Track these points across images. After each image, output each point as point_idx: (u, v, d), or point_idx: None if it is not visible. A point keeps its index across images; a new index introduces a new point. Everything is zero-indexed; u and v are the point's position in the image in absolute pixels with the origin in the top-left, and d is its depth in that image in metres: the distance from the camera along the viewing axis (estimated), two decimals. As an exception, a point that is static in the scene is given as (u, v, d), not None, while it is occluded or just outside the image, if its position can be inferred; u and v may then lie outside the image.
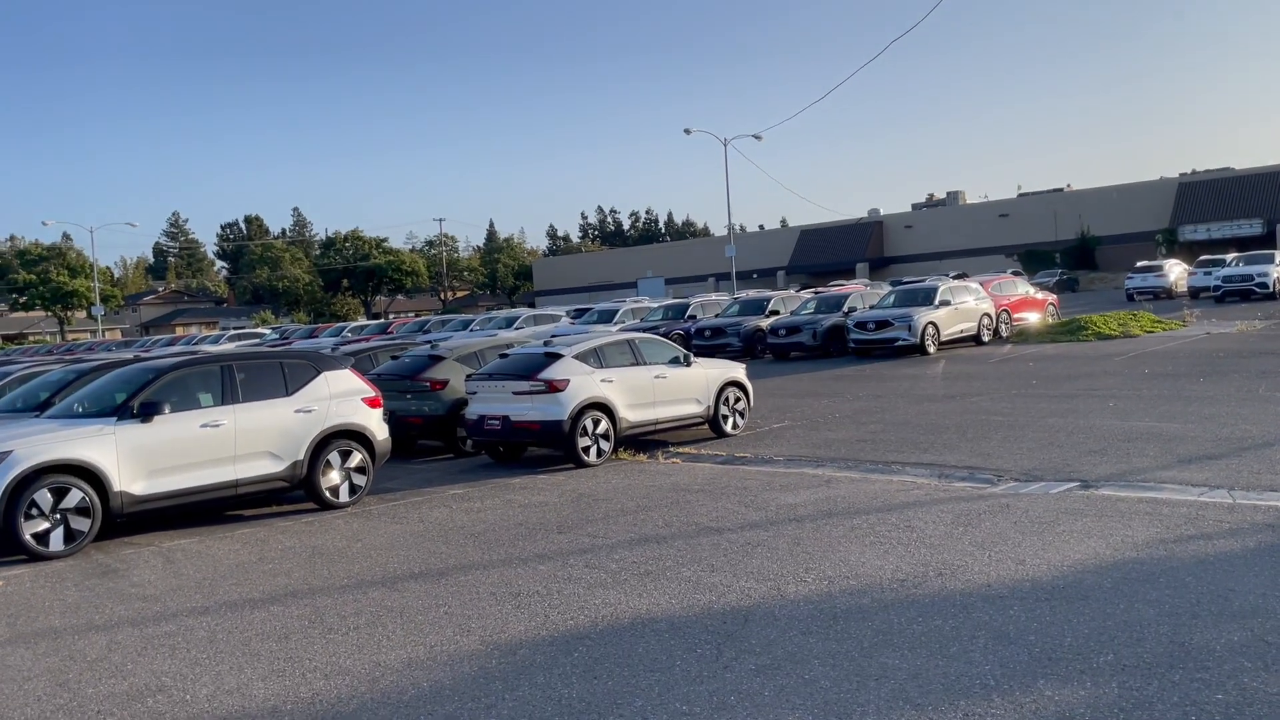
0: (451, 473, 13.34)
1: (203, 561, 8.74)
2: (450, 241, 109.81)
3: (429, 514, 10.39)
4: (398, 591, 7.37)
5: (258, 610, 7.06)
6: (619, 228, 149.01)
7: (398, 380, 15.07)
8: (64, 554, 9.14)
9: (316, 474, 10.88)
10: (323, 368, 11.36)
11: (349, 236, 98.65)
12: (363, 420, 11.39)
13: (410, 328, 40.29)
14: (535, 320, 35.49)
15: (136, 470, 9.62)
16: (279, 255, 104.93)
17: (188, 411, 10.12)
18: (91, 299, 78.16)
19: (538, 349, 13.97)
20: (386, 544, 9.05)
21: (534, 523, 9.61)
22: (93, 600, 7.59)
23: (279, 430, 10.65)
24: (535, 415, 12.98)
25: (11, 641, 6.63)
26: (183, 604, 7.36)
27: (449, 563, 8.20)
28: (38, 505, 9.03)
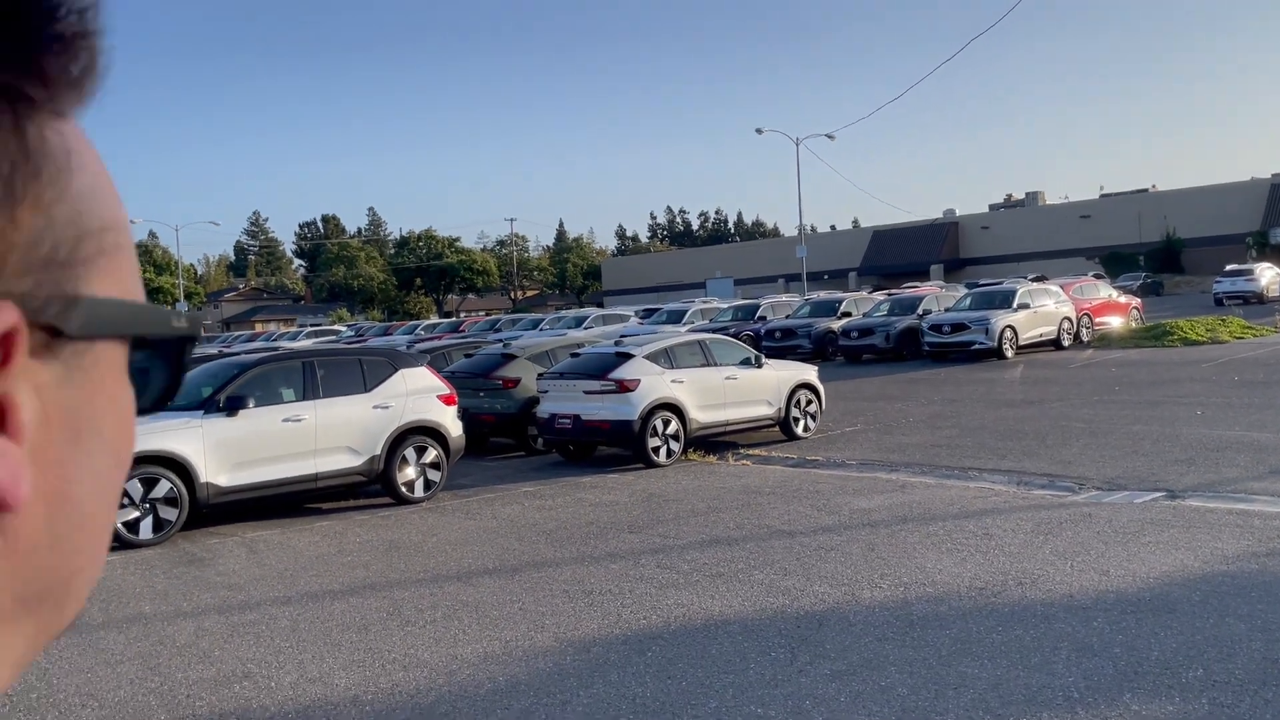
0: (523, 470, 13.48)
1: (284, 552, 8.97)
2: (521, 241, 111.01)
3: (502, 510, 10.52)
4: (472, 586, 7.47)
5: (337, 601, 7.22)
6: (688, 228, 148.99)
7: (471, 378, 15.27)
8: (152, 542, 9.45)
9: (393, 469, 11.08)
10: (400, 365, 11.57)
11: (422, 236, 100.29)
12: (438, 417, 11.57)
13: (481, 326, 40.80)
14: (604, 320, 35.67)
15: (222, 462, 9.90)
16: (355, 254, 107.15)
17: (271, 406, 10.39)
18: (176, 295, 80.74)
19: (609, 349, 14.04)
20: (461, 539, 9.18)
21: (605, 522, 9.66)
22: (180, 588, 7.84)
23: (357, 426, 10.87)
24: (606, 414, 13.04)
25: (104, 626, 6.87)
26: (266, 593, 7.56)
27: (522, 559, 8.28)
28: (128, 494, 9.34)
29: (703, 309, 33.37)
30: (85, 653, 6.28)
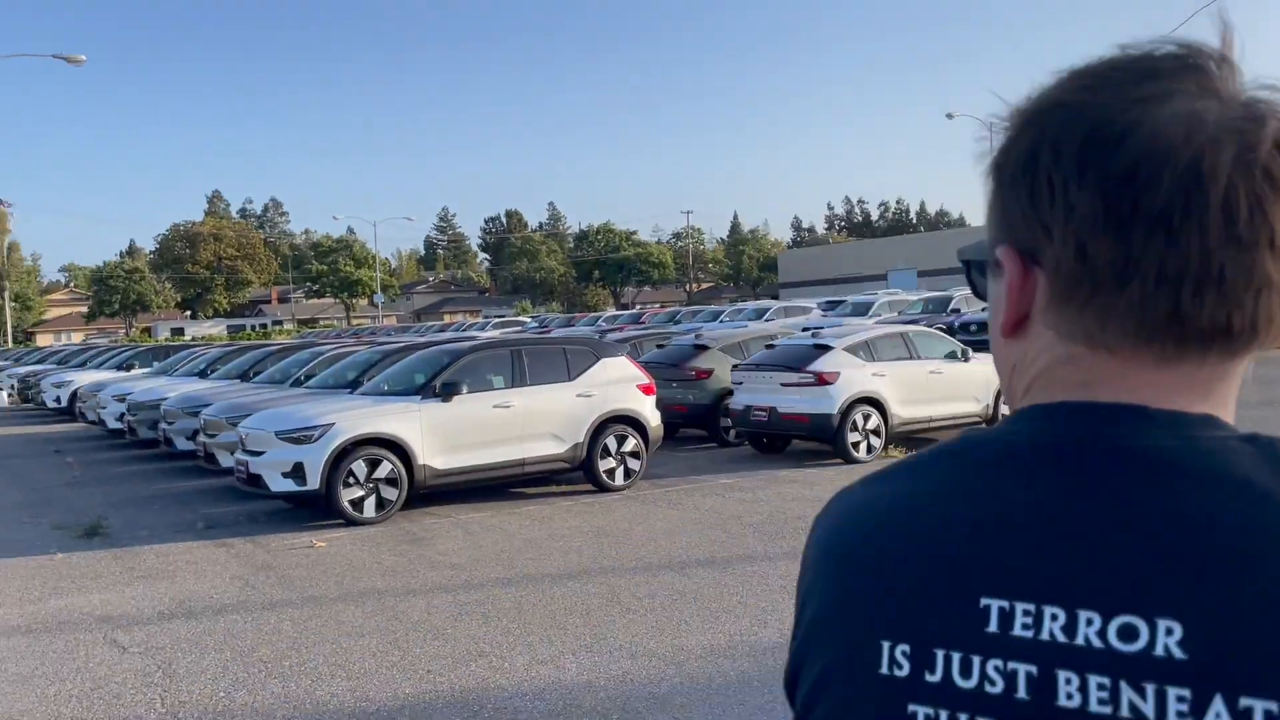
0: (717, 461, 13.40)
1: (498, 535, 9.21)
2: (696, 233, 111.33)
3: (703, 502, 10.46)
4: (687, 577, 7.43)
5: (557, 585, 7.32)
6: (867, 218, 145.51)
7: (663, 368, 15.30)
8: (375, 521, 9.90)
9: (595, 456, 11.22)
10: (601, 354, 11.71)
11: (600, 229, 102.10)
12: (638, 406, 11.64)
13: (661, 318, 41.08)
14: (786, 312, 35.23)
15: (437, 446, 10.27)
16: (536, 248, 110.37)
17: (482, 393, 10.70)
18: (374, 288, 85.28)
19: (806, 340, 13.77)
20: (667, 529, 9.17)
21: (810, 516, 9.41)
22: (406, 565, 8.15)
23: (562, 413, 11.06)
24: (804, 407, 12.79)
25: (341, 599, 7.22)
26: (486, 574, 7.76)
27: (732, 551, 8.19)
28: (354, 474, 9.83)
29: (890, 301, 32.41)
30: (328, 624, 6.60)
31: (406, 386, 10.96)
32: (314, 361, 14.85)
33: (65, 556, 8.99)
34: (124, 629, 6.66)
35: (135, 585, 7.84)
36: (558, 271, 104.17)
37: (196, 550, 9.04)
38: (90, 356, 30.02)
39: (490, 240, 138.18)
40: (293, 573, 8.03)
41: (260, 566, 8.30)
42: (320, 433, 9.78)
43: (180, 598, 7.40)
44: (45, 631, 6.68)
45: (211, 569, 8.30)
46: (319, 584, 7.64)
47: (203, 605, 7.17)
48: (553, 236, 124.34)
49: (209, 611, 7.00)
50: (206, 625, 6.67)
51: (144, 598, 7.45)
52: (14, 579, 8.22)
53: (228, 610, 7.01)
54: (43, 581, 8.09)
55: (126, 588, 7.77)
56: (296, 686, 5.49)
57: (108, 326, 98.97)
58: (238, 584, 7.75)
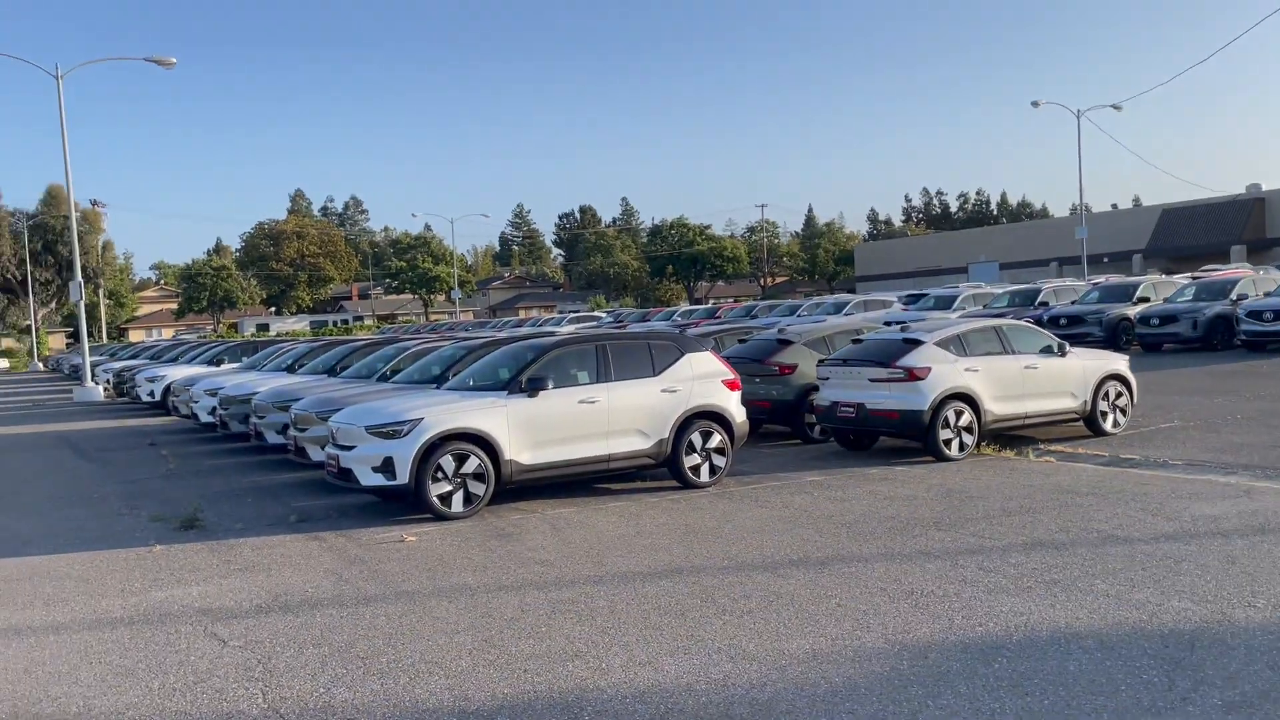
0: (803, 459, 13.15)
1: (586, 531, 9.12)
2: (770, 227, 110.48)
3: (791, 500, 10.25)
4: (781, 577, 7.24)
5: (649, 584, 7.20)
6: (945, 210, 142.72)
7: (746, 363, 15.08)
8: (463, 515, 9.90)
9: (680, 453, 11.08)
10: (686, 349, 11.55)
11: (674, 224, 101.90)
12: (723, 402, 11.47)
13: (737, 313, 40.73)
14: (865, 306, 34.63)
15: (524, 441, 10.23)
16: (610, 243, 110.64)
17: (567, 388, 10.63)
18: (451, 283, 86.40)
19: (895, 335, 13.42)
20: (757, 527, 8.98)
21: (906, 517, 9.16)
22: (496, 561, 8.11)
23: (647, 409, 10.94)
24: (893, 404, 12.47)
25: (435, 595, 7.19)
26: (577, 571, 7.67)
27: (826, 552, 7.97)
28: (442, 469, 9.84)
29: (974, 294, 31.62)
30: (423, 620, 6.57)
31: (492, 382, 10.95)
32: (399, 357, 14.97)
33: (164, 548, 9.16)
34: (223, 622, 6.72)
35: (232, 578, 7.94)
36: (631, 266, 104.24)
37: (290, 543, 9.14)
38: (181, 351, 30.87)
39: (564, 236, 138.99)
40: (384, 567, 8.05)
41: (352, 560, 8.34)
42: (409, 428, 9.81)
43: (276, 591, 7.47)
44: (147, 623, 6.78)
45: (305, 562, 8.37)
46: (411, 579, 7.64)
47: (298, 599, 7.22)
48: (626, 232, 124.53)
49: (305, 605, 7.03)
50: (303, 619, 6.70)
51: (241, 590, 7.53)
52: (116, 570, 8.40)
53: (323, 604, 7.04)
54: (143, 573, 8.24)
55: (224, 580, 7.88)
56: (395, 684, 5.46)
57: (196, 323, 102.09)
58: (331, 578, 7.79)
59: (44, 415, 26.71)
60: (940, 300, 32.27)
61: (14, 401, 33.82)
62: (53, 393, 37.23)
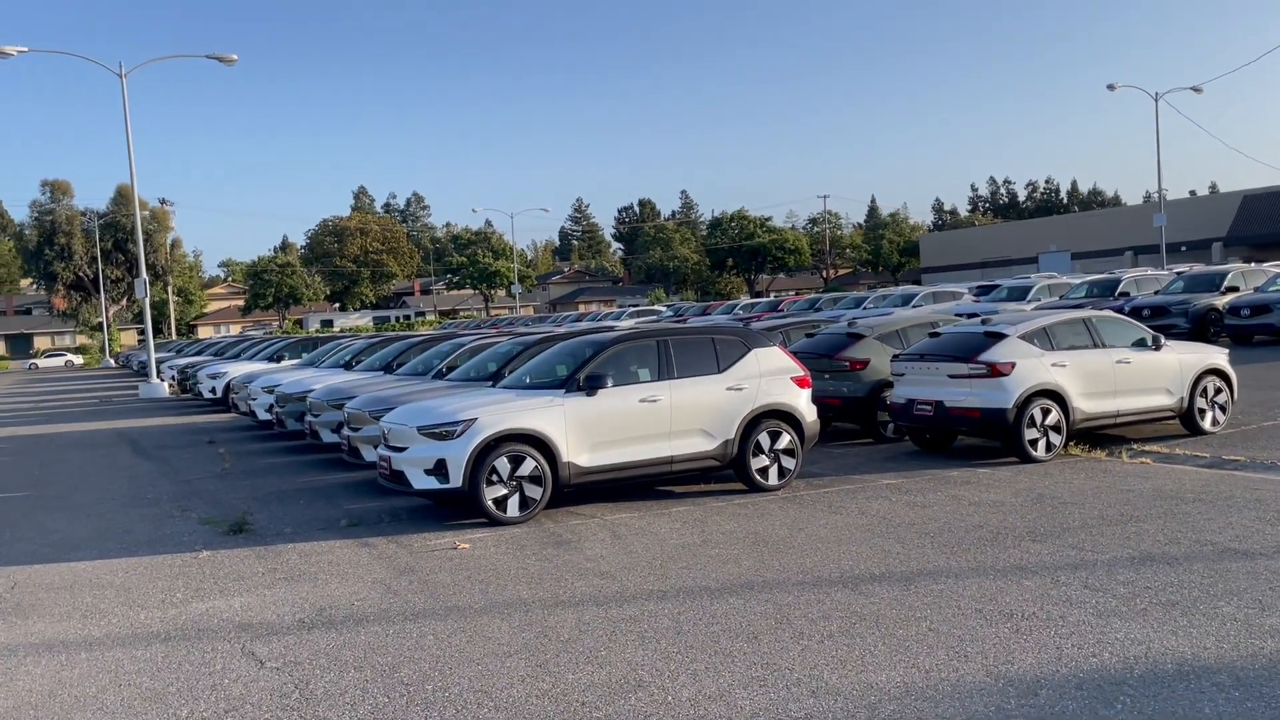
0: (876, 460, 12.46)
1: (648, 539, 8.57)
2: (833, 218, 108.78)
3: (867, 506, 9.58)
4: (863, 595, 6.61)
5: (716, 601, 6.62)
6: (1013, 199, 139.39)
7: (814, 358, 14.41)
8: (518, 520, 9.42)
9: (747, 454, 10.48)
10: (753, 345, 10.94)
11: (734, 216, 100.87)
12: (792, 400, 10.83)
13: (800, 305, 39.86)
14: (935, 298, 33.58)
15: (582, 442, 9.72)
16: (669, 236, 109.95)
17: (627, 386, 10.09)
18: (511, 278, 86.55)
19: (975, 327, 12.64)
20: (832, 537, 8.35)
21: (994, 526, 8.45)
22: (553, 572, 7.60)
23: (711, 408, 10.36)
24: (975, 401, 11.71)
25: (486, 610, 6.70)
26: (639, 585, 7.12)
27: (910, 566, 7.31)
28: (498, 471, 9.36)
29: (1050, 285, 30.38)
30: (474, 640, 6.08)
31: (549, 380, 10.45)
32: (455, 353, 14.58)
33: (210, 554, 8.83)
34: (263, 639, 6.30)
35: (277, 588, 7.54)
36: (691, 260, 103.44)
37: (338, 550, 8.74)
38: (245, 348, 31.02)
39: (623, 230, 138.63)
40: (435, 577, 7.59)
41: (402, 570, 7.90)
42: (463, 428, 9.35)
43: (321, 604, 7.04)
44: (183, 639, 6.39)
45: (354, 571, 7.95)
46: (462, 592, 7.16)
47: (344, 613, 6.78)
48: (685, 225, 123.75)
49: (349, 621, 6.59)
50: (347, 637, 6.25)
51: (285, 602, 7.12)
52: (160, 577, 8.06)
53: (368, 620, 6.59)
54: (186, 582, 7.89)
55: (268, 590, 7.48)
56: (440, 716, 4.96)
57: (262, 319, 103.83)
58: (379, 589, 7.35)
59: (110, 412, 26.98)
60: (1014, 291, 31.09)
61: (83, 398, 34.37)
62: (120, 389, 37.79)
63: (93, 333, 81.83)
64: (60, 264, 73.95)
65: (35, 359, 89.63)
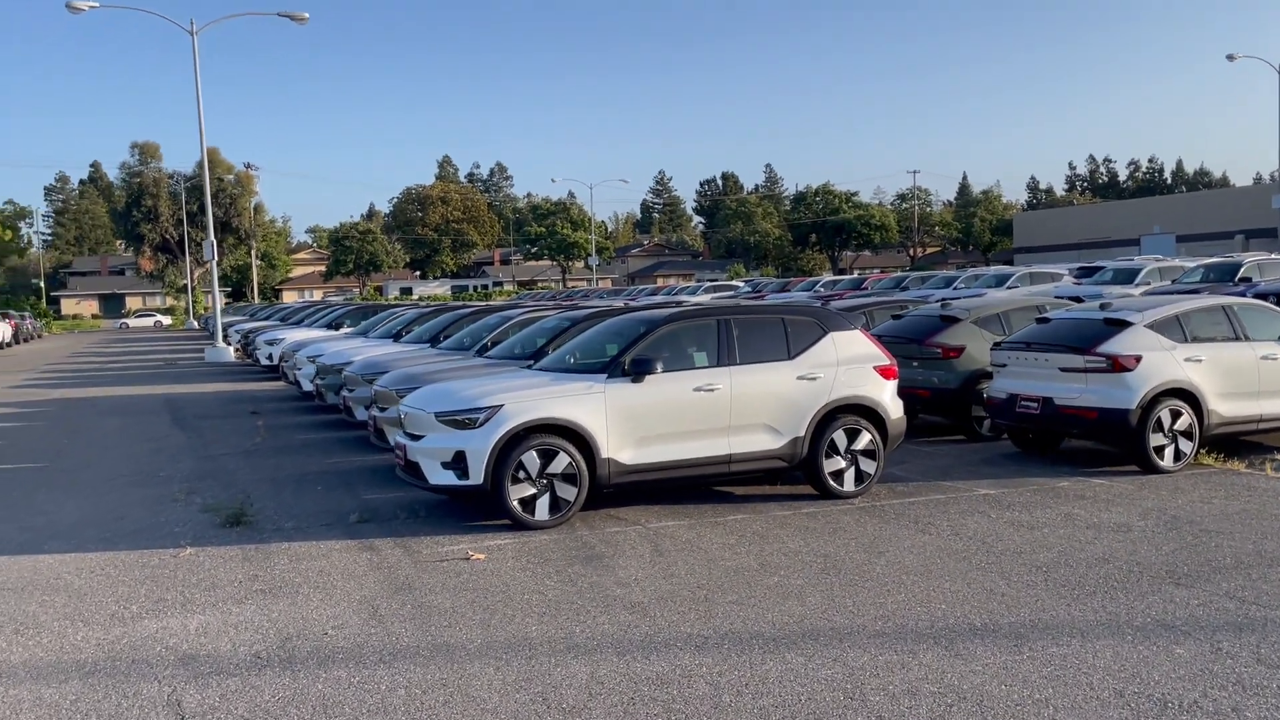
0: (970, 462, 10.84)
1: (695, 557, 7.17)
2: (922, 195, 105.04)
3: (962, 523, 8.03)
4: (961, 659, 5.12)
5: (770, 657, 5.20)
6: (1113, 178, 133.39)
7: (901, 343, 12.79)
8: (548, 524, 8.11)
9: (819, 455, 8.99)
10: (830, 327, 9.40)
11: (819, 191, 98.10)
12: (875, 393, 9.29)
13: (885, 284, 37.88)
14: (1031, 279, 31.35)
15: (625, 436, 8.35)
16: (751, 210, 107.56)
17: (681, 372, 8.67)
18: (589, 250, 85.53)
19: (1094, 313, 10.89)
20: (919, 566, 6.84)
21: (1123, 559, 6.85)
22: (573, 600, 6.26)
23: (779, 399, 8.89)
24: (1091, 399, 10.02)
25: (482, 653, 5.39)
26: (675, 626, 5.73)
27: (1020, 615, 5.78)
28: (525, 468, 8.06)
29: (1160, 267, 27.93)
30: (453, 700, 4.76)
31: (590, 362, 9.10)
32: (502, 327, 13.32)
33: (194, 552, 7.71)
34: (199, 681, 5.09)
35: (248, 604, 6.35)
36: (773, 234, 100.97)
37: (336, 554, 7.53)
38: (308, 314, 30.38)
39: (705, 203, 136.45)
40: (433, 599, 6.32)
41: (399, 586, 6.64)
42: (486, 416, 8.06)
43: (289, 631, 5.81)
44: (109, 675, 5.21)
45: (342, 584, 6.72)
46: (459, 623, 5.86)
47: (310, 647, 5.53)
48: (768, 199, 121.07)
49: (312, 660, 5.34)
50: (300, 685, 5.00)
51: (248, 626, 5.91)
52: (124, 581, 6.95)
53: (335, 659, 5.33)
54: (151, 589, 6.76)
55: (236, 607, 6.29)
56: (378, 828, 3.66)
57: (344, 285, 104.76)
58: (363, 613, 6.10)
59: (169, 375, 26.54)
60: (1120, 274, 28.67)
61: (152, 360, 34.25)
62: (193, 351, 37.67)
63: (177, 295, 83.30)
64: (147, 226, 75.18)
65: (126, 319, 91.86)
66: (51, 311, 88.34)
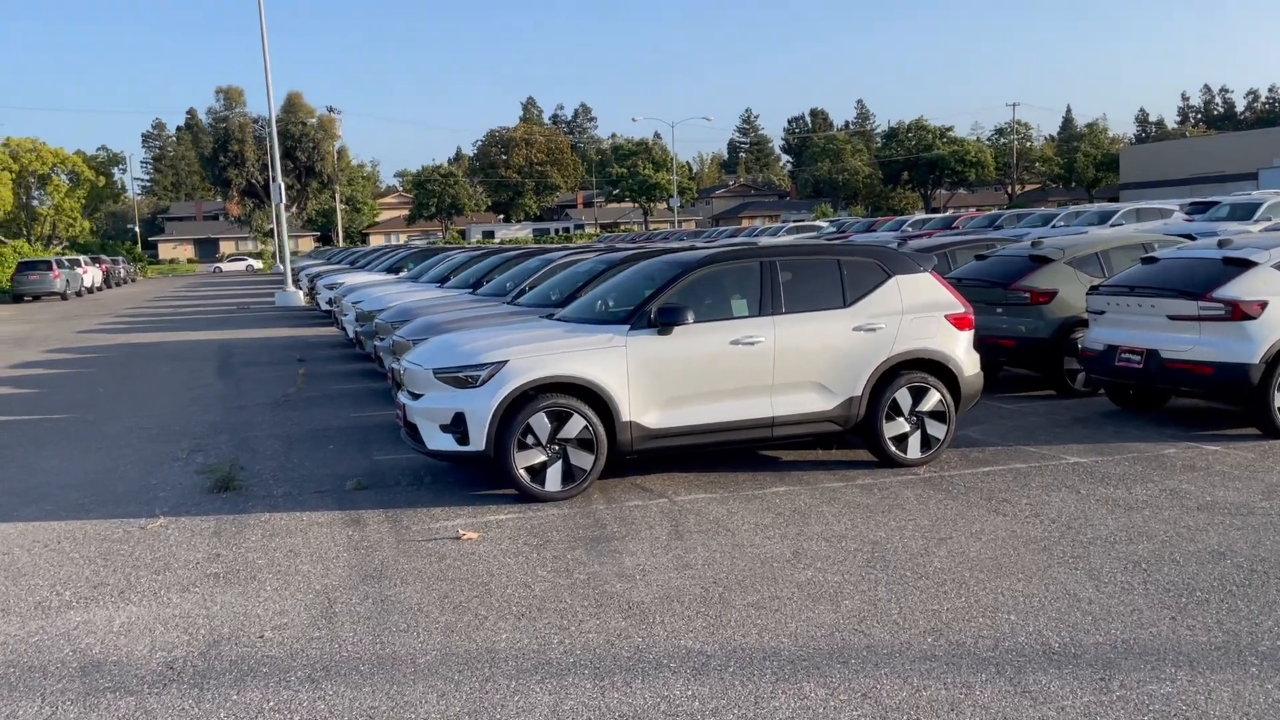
0: (1060, 422, 9.51)
1: (719, 542, 6.11)
2: (1022, 129, 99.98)
3: (1044, 502, 6.79)
4: (1031, 699, 3.97)
5: (784, 685, 4.13)
6: (1230, 110, 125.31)
7: (984, 287, 11.41)
8: (560, 496, 7.13)
9: (878, 417, 7.80)
10: (895, 270, 8.12)
11: (912, 126, 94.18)
12: (945, 345, 8.03)
13: (978, 223, 35.68)
14: (1138, 215, 29.01)
15: (651, 396, 7.29)
16: (840, 148, 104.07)
17: (717, 322, 7.55)
18: (671, 191, 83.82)
19: (1210, 251, 9.36)
20: (988, 559, 5.66)
21: (1244, 556, 5.56)
22: (562, 597, 5.27)
23: (832, 353, 7.70)
24: (1205, 353, 8.58)
25: (432, 670, 4.44)
26: (675, 635, 4.69)
27: (1112, 632, 4.58)
28: (534, 432, 7.07)
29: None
30: (372, 740, 3.83)
31: (612, 311, 8.03)
32: (541, 272, 12.32)
33: (166, 522, 6.96)
34: (86, 701, 4.25)
35: (192, 592, 5.53)
36: (862, 173, 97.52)
37: (316, 529, 6.69)
38: (374, 258, 29.90)
39: (793, 142, 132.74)
40: (401, 592, 5.40)
41: (369, 574, 5.74)
42: (488, 373, 7.07)
43: (222, 631, 4.96)
44: (-5, 686, 4.42)
45: (308, 569, 5.86)
46: (420, 627, 4.92)
47: (236, 655, 4.67)
48: (859, 135, 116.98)
49: (231, 674, 4.46)
50: (203, 710, 4.12)
51: (178, 623, 5.08)
52: (74, 560, 6.21)
53: (258, 674, 4.45)
54: (98, 569, 6.00)
55: (179, 596, 5.48)
56: None
57: (428, 229, 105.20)
58: (315, 610, 5.21)
59: (235, 320, 26.37)
60: (1236, 209, 26.19)
61: (226, 304, 34.36)
62: (269, 295, 37.77)
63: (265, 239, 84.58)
64: (233, 171, 76.13)
65: (220, 263, 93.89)
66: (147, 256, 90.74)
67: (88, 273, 48.24)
